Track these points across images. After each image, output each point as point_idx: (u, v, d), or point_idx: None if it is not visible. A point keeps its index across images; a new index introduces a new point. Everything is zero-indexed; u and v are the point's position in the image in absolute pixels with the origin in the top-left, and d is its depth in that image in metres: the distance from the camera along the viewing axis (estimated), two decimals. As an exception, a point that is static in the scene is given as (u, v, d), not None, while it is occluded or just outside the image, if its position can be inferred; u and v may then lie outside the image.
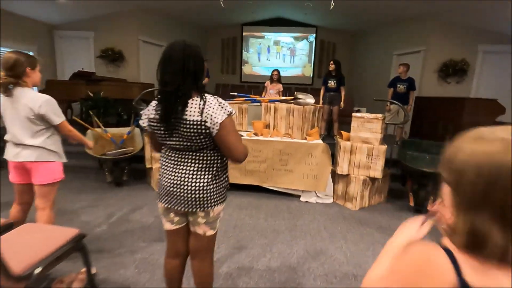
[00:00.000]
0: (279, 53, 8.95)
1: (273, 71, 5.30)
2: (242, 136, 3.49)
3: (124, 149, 3.64)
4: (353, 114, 3.25)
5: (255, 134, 3.55)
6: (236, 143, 1.24)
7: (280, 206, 3.24)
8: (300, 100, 3.60)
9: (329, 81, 5.04)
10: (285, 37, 8.86)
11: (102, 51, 6.38)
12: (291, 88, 8.94)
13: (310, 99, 3.61)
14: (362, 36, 8.24)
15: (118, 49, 6.43)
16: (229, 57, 9.16)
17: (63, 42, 6.69)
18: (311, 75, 9.01)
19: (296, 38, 8.85)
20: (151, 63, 6.97)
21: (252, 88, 8.67)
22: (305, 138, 3.46)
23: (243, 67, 9.14)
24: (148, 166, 3.53)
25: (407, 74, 5.09)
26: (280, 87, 5.32)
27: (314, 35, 8.77)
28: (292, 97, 3.68)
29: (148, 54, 6.85)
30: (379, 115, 3.16)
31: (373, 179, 3.25)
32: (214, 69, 9.42)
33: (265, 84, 5.36)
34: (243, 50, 9.04)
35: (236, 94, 4.09)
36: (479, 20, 5.47)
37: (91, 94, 5.02)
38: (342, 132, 3.48)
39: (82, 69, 6.35)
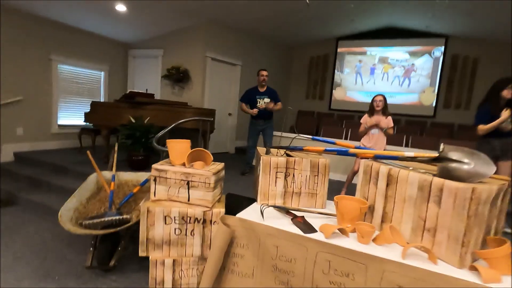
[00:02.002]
0: (386, 74, 6.72)
1: (375, 96, 3.30)
2: (314, 234, 1.64)
3: (117, 217, 2.25)
4: None
5: (342, 231, 1.64)
6: None
7: None
8: (454, 165, 1.53)
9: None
10: (397, 53, 6.60)
11: (167, 70, 5.59)
12: (400, 120, 6.54)
13: (484, 166, 1.49)
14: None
15: (184, 67, 5.53)
16: (318, 78, 7.43)
17: (136, 61, 6.25)
18: (433, 104, 6.40)
19: (413, 54, 6.49)
20: (218, 84, 5.85)
21: (344, 118, 6.65)
22: (474, 268, 1.35)
23: (334, 90, 7.24)
24: (141, 253, 2.02)
25: None
26: (388, 122, 3.25)
27: (443, 48, 6.24)
28: (435, 156, 1.63)
29: (216, 74, 5.77)
30: None
31: None
32: (298, 93, 7.83)
33: (361, 121, 3.37)
34: (336, 70, 7.18)
35: (306, 137, 2.30)
36: None
37: (133, 120, 4.04)
38: None
39: (146, 90, 5.68)
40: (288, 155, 2.11)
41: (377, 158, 1.90)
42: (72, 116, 5.39)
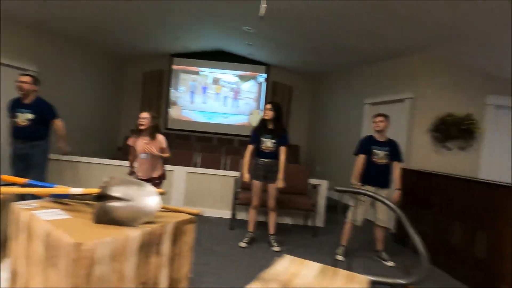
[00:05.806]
0: (219, 94, 6.84)
1: (140, 114, 2.93)
2: None
3: None
4: None
5: None
6: None
7: None
8: (111, 205, 1.15)
9: (264, 139, 2.87)
10: (228, 75, 6.85)
11: None
12: (233, 140, 6.69)
13: (146, 200, 1.18)
14: (325, 79, 6.43)
15: None
16: (152, 95, 6.88)
17: None
18: (261, 125, 6.88)
19: (242, 78, 6.87)
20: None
21: (179, 138, 6.29)
22: None
23: (169, 109, 6.85)
24: None
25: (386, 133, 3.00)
26: (158, 143, 2.82)
27: (265, 75, 6.85)
28: (97, 193, 1.23)
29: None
30: None
31: None
32: (131, 109, 7.02)
33: (128, 141, 2.98)
34: (171, 88, 6.83)
35: None
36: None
37: None
38: None
39: None
40: None
41: (55, 197, 1.39)
42: None
